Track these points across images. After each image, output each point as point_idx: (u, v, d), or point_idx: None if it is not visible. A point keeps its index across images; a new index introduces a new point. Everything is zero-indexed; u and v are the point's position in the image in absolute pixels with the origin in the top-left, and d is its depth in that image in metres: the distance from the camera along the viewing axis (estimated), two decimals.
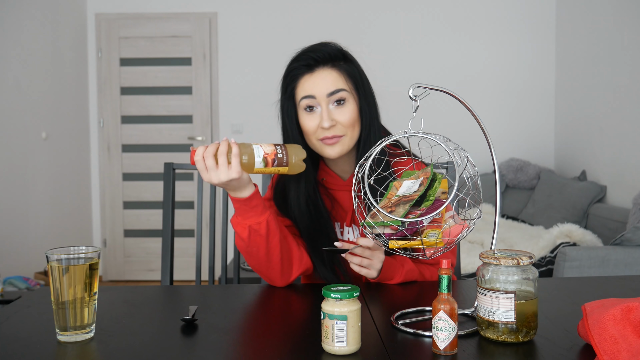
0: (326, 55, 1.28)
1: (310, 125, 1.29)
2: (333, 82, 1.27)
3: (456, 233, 1.01)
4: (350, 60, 1.32)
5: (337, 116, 1.27)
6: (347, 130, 1.28)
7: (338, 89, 1.27)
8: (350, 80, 1.29)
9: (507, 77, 4.65)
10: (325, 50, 1.28)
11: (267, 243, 1.23)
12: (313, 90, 1.27)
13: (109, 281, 4.72)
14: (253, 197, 1.19)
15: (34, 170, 3.85)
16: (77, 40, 4.53)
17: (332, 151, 1.29)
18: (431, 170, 1.10)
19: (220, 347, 0.93)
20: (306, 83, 1.28)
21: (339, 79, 1.27)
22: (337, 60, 1.29)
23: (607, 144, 3.82)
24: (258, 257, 1.25)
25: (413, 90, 1.06)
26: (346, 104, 1.28)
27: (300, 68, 1.29)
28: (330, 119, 1.26)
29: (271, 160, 1.15)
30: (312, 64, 1.27)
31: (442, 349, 0.87)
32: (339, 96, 1.27)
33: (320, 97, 1.27)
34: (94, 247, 0.99)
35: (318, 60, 1.27)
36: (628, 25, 3.58)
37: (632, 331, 0.82)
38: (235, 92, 4.66)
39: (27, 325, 1.04)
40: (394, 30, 4.64)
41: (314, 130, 1.28)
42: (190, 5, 4.64)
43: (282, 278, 1.29)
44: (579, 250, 2.61)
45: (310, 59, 1.27)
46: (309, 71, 1.28)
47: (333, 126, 1.27)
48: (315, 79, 1.27)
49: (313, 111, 1.28)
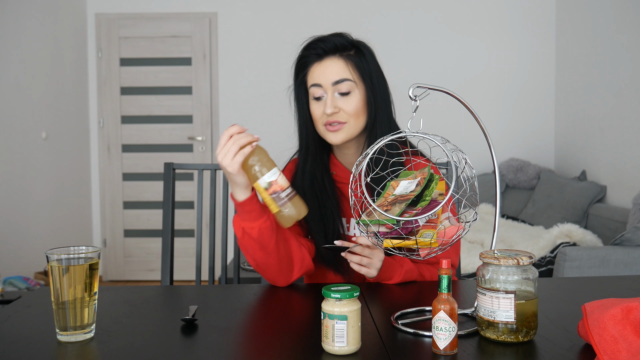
0: (335, 46, 1.33)
1: (317, 111, 1.35)
2: (339, 71, 1.32)
3: (451, 234, 1.01)
4: (362, 52, 1.36)
5: (341, 104, 1.32)
6: (350, 118, 1.33)
7: (343, 78, 1.32)
8: (357, 71, 1.33)
9: (507, 77, 4.65)
10: (335, 41, 1.33)
11: (261, 247, 1.24)
12: (320, 79, 1.33)
13: (109, 281, 4.72)
14: (247, 202, 1.20)
15: (34, 170, 3.85)
16: (77, 40, 4.53)
17: (335, 137, 1.34)
18: (428, 171, 1.10)
19: (220, 347, 0.93)
20: (315, 71, 1.34)
21: (345, 68, 1.32)
22: (346, 50, 1.34)
23: (607, 144, 3.82)
24: (254, 257, 1.26)
25: (413, 90, 1.06)
26: (351, 94, 1.33)
27: (310, 56, 1.35)
28: (333, 106, 1.31)
29: (273, 191, 1.13)
30: (321, 53, 1.33)
31: (442, 349, 0.87)
32: (343, 85, 1.32)
33: (326, 85, 1.32)
34: (94, 247, 0.99)
35: (327, 50, 1.33)
36: (628, 25, 3.58)
37: (632, 331, 0.82)
38: (235, 92, 4.66)
39: (27, 325, 1.04)
40: (394, 30, 4.64)
41: (320, 116, 1.34)
42: (190, 5, 4.64)
43: (281, 279, 1.30)
44: (579, 250, 2.61)
45: (319, 49, 1.33)
46: (318, 60, 1.34)
47: (336, 113, 1.32)
48: (323, 67, 1.33)
49: (320, 100, 1.34)
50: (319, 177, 1.39)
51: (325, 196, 1.38)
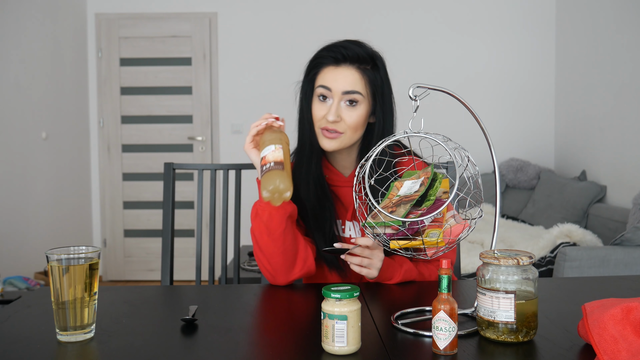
0: (355, 55, 1.31)
1: (318, 112, 1.34)
2: (352, 82, 1.31)
3: (457, 232, 1.01)
4: (378, 68, 1.34)
5: (344, 114, 1.31)
6: (348, 130, 1.32)
7: (354, 90, 1.30)
8: (369, 87, 1.32)
9: (507, 77, 4.65)
10: (357, 51, 1.32)
11: (269, 232, 1.26)
12: (331, 83, 1.31)
13: (109, 281, 4.72)
14: None
15: (34, 170, 3.85)
16: (77, 40, 4.53)
17: (329, 144, 1.34)
18: (432, 170, 1.10)
19: (220, 347, 0.93)
20: (328, 74, 1.32)
21: (359, 81, 1.31)
22: (365, 63, 1.32)
23: (607, 144, 3.82)
24: (260, 243, 1.28)
25: (413, 90, 1.06)
26: (357, 107, 1.31)
27: (327, 58, 1.33)
28: (336, 115, 1.30)
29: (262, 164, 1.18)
30: (339, 58, 1.31)
31: (442, 349, 0.87)
32: (352, 97, 1.31)
33: (336, 92, 1.31)
34: (94, 247, 0.99)
35: (346, 57, 1.31)
36: (628, 25, 3.58)
37: (632, 331, 0.82)
38: (235, 92, 4.66)
39: (27, 325, 1.04)
40: (394, 30, 4.64)
41: (320, 118, 1.33)
42: (190, 5, 4.64)
43: (281, 274, 1.29)
44: (579, 250, 2.61)
45: (339, 54, 1.31)
46: (335, 64, 1.32)
47: (337, 122, 1.31)
48: (337, 73, 1.31)
49: (325, 101, 1.33)
50: (316, 178, 1.39)
51: (323, 197, 1.38)
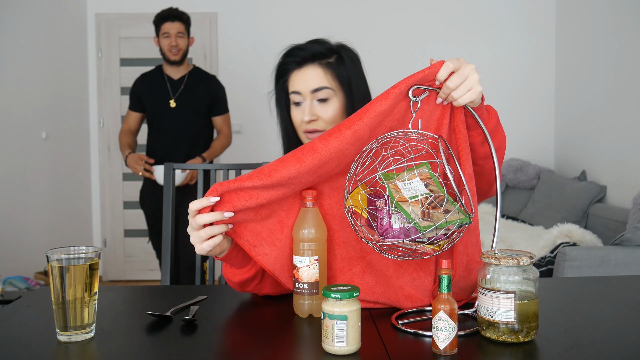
0: (313, 54, 1.32)
1: (297, 118, 1.34)
2: (318, 79, 1.31)
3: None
4: (343, 58, 1.34)
5: (319, 112, 1.32)
6: (327, 126, 1.32)
7: (321, 86, 1.30)
8: (336, 79, 1.32)
9: (507, 77, 4.65)
10: (313, 49, 1.32)
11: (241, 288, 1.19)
12: (299, 86, 1.32)
13: (109, 281, 4.72)
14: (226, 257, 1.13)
15: (34, 170, 3.85)
16: (77, 40, 4.53)
17: None
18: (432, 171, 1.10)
19: (220, 347, 0.93)
20: (295, 78, 1.33)
21: (324, 76, 1.31)
22: (326, 58, 1.32)
23: (607, 144, 3.82)
24: None
25: (413, 90, 1.06)
26: (330, 102, 1.32)
27: (290, 64, 1.34)
28: (311, 114, 1.31)
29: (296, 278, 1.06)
30: (300, 61, 1.32)
31: (442, 349, 0.87)
32: (321, 93, 1.31)
33: (305, 93, 1.31)
34: (94, 247, 0.99)
35: (306, 58, 1.32)
36: (628, 26, 3.58)
37: None
38: (235, 92, 4.65)
39: (27, 325, 1.04)
40: (395, 30, 4.64)
41: (300, 122, 1.34)
42: (190, 5, 4.63)
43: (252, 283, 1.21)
44: (579, 250, 2.61)
45: (298, 57, 1.32)
46: (298, 67, 1.33)
47: (314, 120, 1.31)
48: (302, 75, 1.32)
49: (300, 106, 1.33)
50: None
51: None
